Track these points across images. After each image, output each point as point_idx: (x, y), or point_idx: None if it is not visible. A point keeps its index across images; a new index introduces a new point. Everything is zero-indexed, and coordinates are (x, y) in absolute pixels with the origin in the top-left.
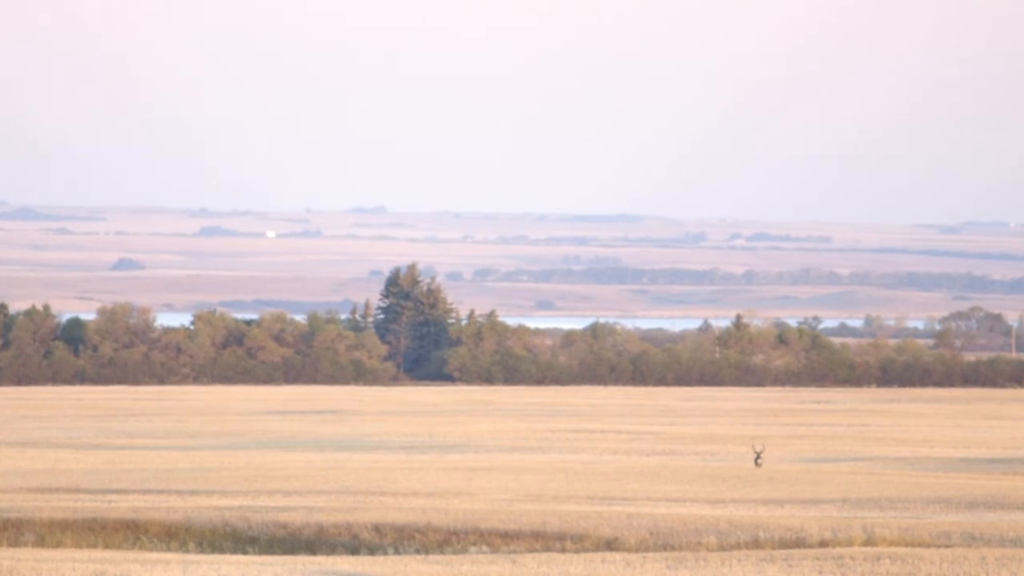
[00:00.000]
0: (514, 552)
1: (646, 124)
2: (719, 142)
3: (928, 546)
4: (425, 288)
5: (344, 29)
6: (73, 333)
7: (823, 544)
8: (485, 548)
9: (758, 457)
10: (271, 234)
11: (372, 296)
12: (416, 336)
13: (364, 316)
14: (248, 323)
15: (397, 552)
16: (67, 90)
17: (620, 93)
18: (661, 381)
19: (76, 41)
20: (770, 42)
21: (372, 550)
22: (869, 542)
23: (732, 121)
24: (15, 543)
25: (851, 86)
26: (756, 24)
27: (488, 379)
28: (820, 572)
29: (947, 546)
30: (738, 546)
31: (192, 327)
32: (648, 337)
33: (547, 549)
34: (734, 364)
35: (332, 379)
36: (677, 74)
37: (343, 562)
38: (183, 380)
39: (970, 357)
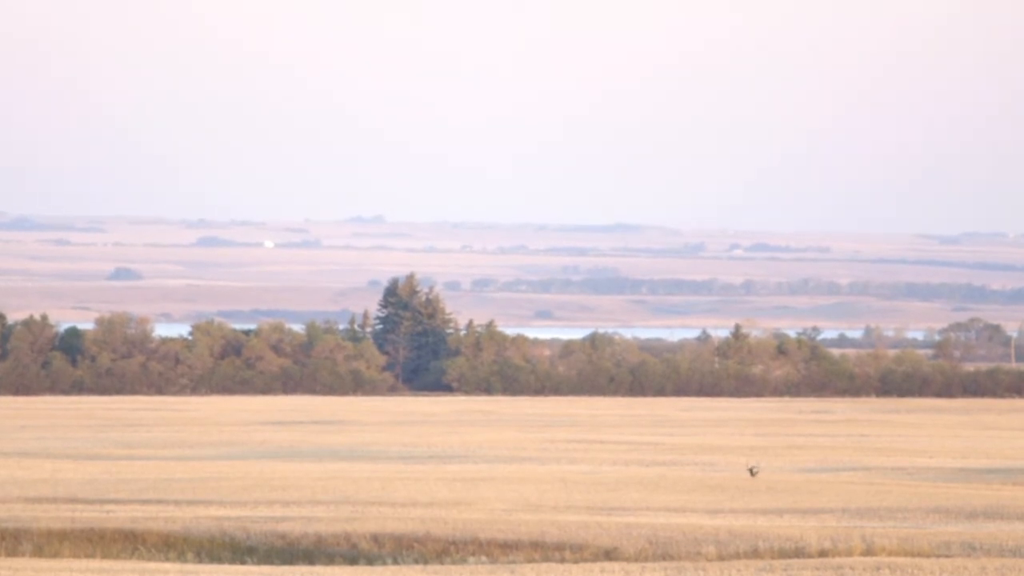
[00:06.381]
0: (513, 562)
1: (644, 135)
2: (717, 153)
3: (928, 556)
4: (424, 298)
5: (343, 40)
6: (71, 343)
7: (823, 554)
8: (484, 558)
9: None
10: (269, 244)
11: (371, 306)
12: (415, 346)
13: (363, 326)
14: (246, 333)
15: (396, 562)
16: (64, 99)
17: (618, 104)
18: (660, 391)
19: (74, 49)
20: (768, 50)
21: (371, 560)
22: (869, 552)
23: (730, 132)
24: (13, 553)
25: (848, 97)
26: (752, 31)
27: (487, 389)
28: None
29: (947, 556)
30: (737, 556)
31: (190, 337)
32: (647, 347)
33: (546, 559)
34: (733, 374)
35: (330, 389)
36: (674, 85)
37: (341, 572)
38: (181, 390)
39: (969, 367)
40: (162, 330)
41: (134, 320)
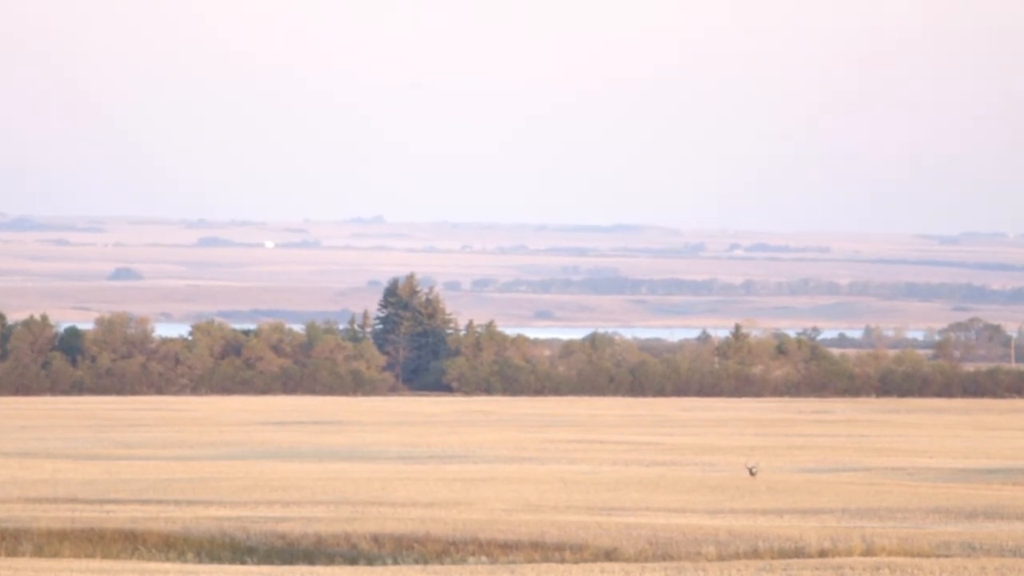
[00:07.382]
0: (513, 562)
1: (644, 134)
2: (717, 152)
3: (928, 556)
4: (424, 298)
5: (343, 40)
6: (71, 343)
7: (822, 554)
8: (484, 558)
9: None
10: (269, 244)
11: (371, 306)
12: (415, 346)
13: (363, 326)
14: (246, 333)
15: (396, 562)
16: (64, 99)
17: (617, 103)
18: (660, 391)
19: (74, 49)
20: (767, 50)
21: (370, 560)
22: (869, 552)
23: (731, 132)
24: (13, 553)
25: (845, 97)
26: (751, 31)
27: (487, 389)
28: None
29: (947, 556)
30: (737, 556)
31: (190, 337)
32: (647, 347)
33: (546, 559)
34: (733, 374)
35: (330, 389)
36: (674, 85)
37: (341, 572)
38: (181, 390)
39: (969, 368)
40: (162, 330)
41: (134, 320)
